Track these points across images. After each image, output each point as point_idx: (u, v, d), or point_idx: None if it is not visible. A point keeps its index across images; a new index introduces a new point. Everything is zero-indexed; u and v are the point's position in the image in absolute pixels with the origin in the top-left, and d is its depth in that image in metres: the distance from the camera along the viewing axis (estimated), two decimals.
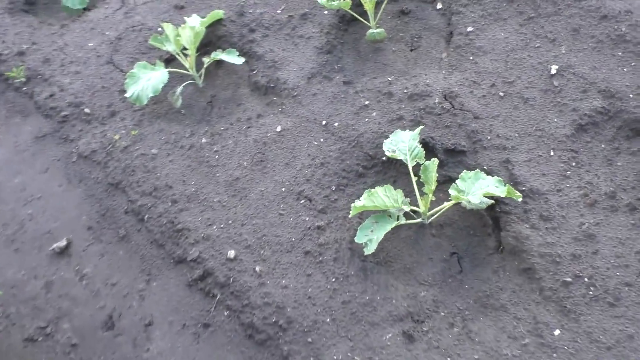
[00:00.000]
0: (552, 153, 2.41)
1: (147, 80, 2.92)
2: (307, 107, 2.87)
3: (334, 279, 2.29)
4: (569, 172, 2.34)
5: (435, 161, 2.33)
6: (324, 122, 2.79)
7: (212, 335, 2.32)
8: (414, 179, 2.40)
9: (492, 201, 2.33)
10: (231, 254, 2.43)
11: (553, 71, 2.62)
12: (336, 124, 2.76)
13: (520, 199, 2.17)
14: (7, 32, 3.61)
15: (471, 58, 2.83)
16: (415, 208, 2.36)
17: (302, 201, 2.55)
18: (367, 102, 2.79)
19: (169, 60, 3.26)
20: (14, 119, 3.27)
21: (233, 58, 3.07)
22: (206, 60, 3.11)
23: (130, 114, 3.05)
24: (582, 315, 1.99)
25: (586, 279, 2.04)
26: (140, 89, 2.90)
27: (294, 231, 2.47)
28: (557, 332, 1.97)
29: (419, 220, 2.42)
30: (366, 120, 2.73)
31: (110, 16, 3.63)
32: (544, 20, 2.81)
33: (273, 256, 2.41)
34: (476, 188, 2.24)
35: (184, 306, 2.42)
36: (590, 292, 2.02)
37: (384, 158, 2.60)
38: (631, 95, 2.46)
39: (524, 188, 2.33)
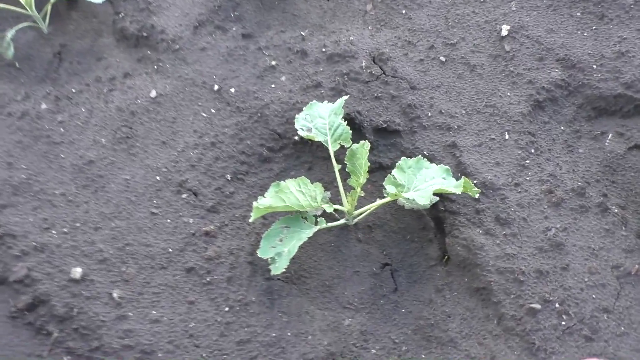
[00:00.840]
0: (507, 136, 1.91)
1: None
2: (194, 66, 2.14)
3: (227, 308, 1.65)
4: (527, 161, 1.86)
5: (366, 145, 1.74)
6: (216, 87, 2.08)
7: None
8: (337, 168, 1.80)
9: (437, 198, 1.80)
10: (77, 272, 1.69)
11: (504, 32, 2.12)
12: (233, 90, 2.06)
13: (477, 195, 1.65)
14: None
15: (403, 12, 2.25)
16: (338, 207, 1.76)
17: (184, 195, 1.86)
18: (273, 63, 2.12)
19: None
20: None
21: None
22: None
23: None
24: (554, 354, 1.53)
25: (557, 305, 1.58)
26: None
27: (171, 239, 1.77)
28: None
29: (342, 221, 1.83)
30: (273, 86, 2.06)
31: None
32: None
33: (140, 275, 1.70)
34: (420, 181, 1.68)
35: (4, 348, 1.64)
36: (563, 323, 1.56)
37: (296, 137, 1.96)
38: (594, 66, 2.02)
39: (475, 181, 1.81)
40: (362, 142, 1.75)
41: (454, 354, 1.59)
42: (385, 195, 1.75)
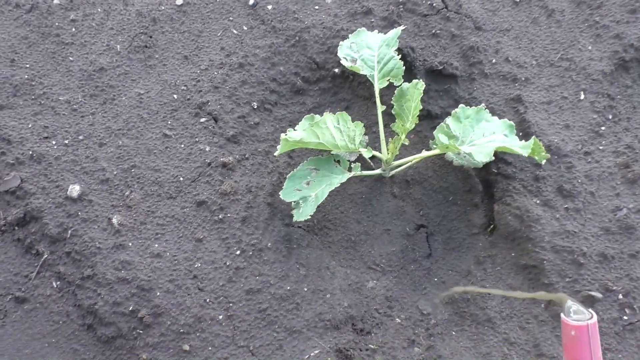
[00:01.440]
0: (582, 96, 1.64)
1: None
2: None
3: (238, 252, 1.45)
4: (603, 128, 1.60)
5: (420, 85, 1.48)
6: (251, 1, 1.81)
7: (27, 316, 1.42)
8: (381, 109, 1.56)
9: (492, 158, 1.55)
10: (74, 190, 1.49)
11: None
12: (270, 7, 1.80)
13: (544, 161, 1.40)
14: None
15: None
16: (376, 153, 1.52)
17: (202, 119, 1.63)
18: None
19: None
20: None
21: None
22: None
23: None
24: (611, 351, 1.32)
25: (620, 296, 1.36)
26: None
27: (184, 166, 1.56)
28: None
29: (377, 171, 1.60)
30: (316, 8, 1.79)
31: None
32: None
33: (144, 202, 1.51)
34: (477, 135, 1.44)
35: None
36: (625, 317, 1.34)
37: (336, 70, 1.71)
38: None
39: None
40: (415, 81, 1.50)
41: (490, 335, 1.39)
42: (433, 146, 1.51)
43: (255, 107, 1.66)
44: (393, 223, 1.60)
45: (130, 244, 1.44)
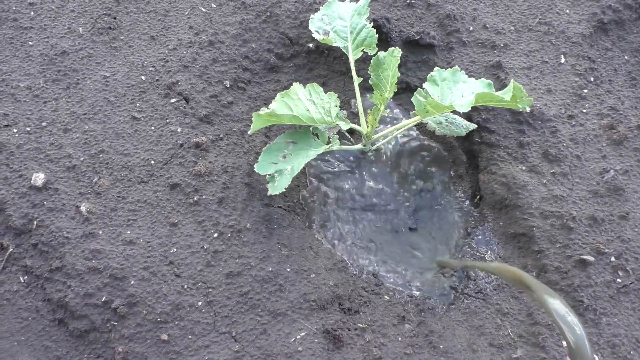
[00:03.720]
0: (562, 60, 1.60)
1: None
2: None
3: (216, 234, 1.38)
4: (585, 91, 1.56)
5: (396, 52, 1.43)
6: None
7: None
8: (357, 81, 1.50)
9: (475, 126, 1.50)
10: (39, 178, 1.40)
11: None
12: None
13: (528, 108, 1.33)
14: None
15: None
16: (355, 126, 1.47)
17: (173, 100, 1.56)
18: None
19: None
20: None
21: None
22: None
23: None
24: (605, 315, 1.28)
25: (612, 259, 1.32)
26: None
27: (155, 149, 1.48)
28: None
29: (358, 145, 1.55)
30: None
31: None
32: None
33: (114, 188, 1.42)
34: (456, 96, 1.38)
35: None
36: (618, 280, 1.30)
37: (310, 45, 1.65)
38: None
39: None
40: (391, 48, 1.44)
41: (482, 307, 1.34)
42: (414, 113, 1.45)
43: (228, 85, 1.59)
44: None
45: (100, 232, 1.36)
